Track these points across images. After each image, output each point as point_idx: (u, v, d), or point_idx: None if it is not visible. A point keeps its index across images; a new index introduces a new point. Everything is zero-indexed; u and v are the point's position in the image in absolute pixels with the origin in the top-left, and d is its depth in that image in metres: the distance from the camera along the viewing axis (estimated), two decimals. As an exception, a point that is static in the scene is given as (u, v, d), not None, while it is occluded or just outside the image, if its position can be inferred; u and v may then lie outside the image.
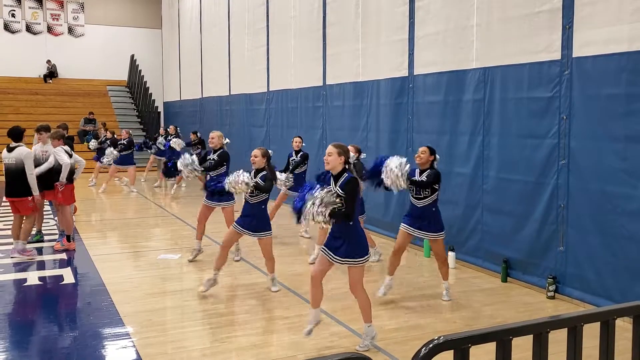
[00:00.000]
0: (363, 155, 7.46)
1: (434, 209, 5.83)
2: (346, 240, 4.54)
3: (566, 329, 2.37)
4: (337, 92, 10.26)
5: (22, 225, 7.66)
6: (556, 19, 5.96)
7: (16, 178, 7.44)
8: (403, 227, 5.95)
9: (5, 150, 7.51)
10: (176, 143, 14.16)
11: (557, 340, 2.52)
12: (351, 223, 4.52)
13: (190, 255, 7.65)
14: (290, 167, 8.92)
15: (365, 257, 4.62)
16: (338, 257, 4.59)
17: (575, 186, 5.85)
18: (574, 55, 5.81)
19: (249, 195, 6.02)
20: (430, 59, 7.88)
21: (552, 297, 5.99)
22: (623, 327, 2.85)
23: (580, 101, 5.78)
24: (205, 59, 17.46)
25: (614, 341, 2.47)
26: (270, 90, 13.02)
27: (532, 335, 2.29)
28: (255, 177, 6.01)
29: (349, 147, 7.30)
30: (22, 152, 7.50)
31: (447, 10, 7.51)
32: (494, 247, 6.85)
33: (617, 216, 5.41)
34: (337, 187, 4.49)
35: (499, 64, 6.72)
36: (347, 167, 4.57)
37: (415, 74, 8.20)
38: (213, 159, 7.53)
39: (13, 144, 7.50)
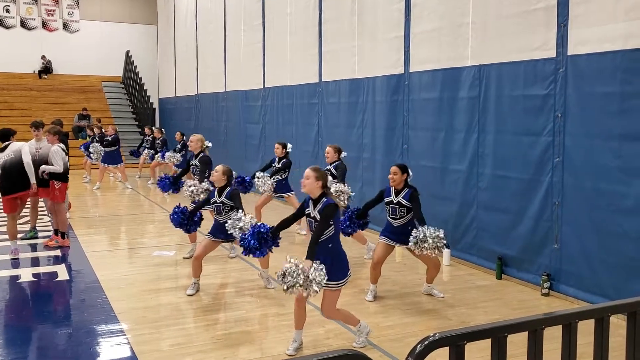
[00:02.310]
0: (344, 154, 7.44)
1: (410, 228, 5.62)
2: (325, 262, 4.31)
3: (561, 325, 2.38)
4: (333, 89, 10.25)
5: (9, 223, 7.66)
6: (551, 17, 5.97)
7: (17, 172, 7.45)
8: (382, 239, 5.86)
9: None
10: (172, 158, 13.65)
11: (552, 337, 2.53)
12: (330, 245, 4.41)
13: (187, 253, 7.65)
14: (270, 173, 8.66)
15: (344, 280, 4.47)
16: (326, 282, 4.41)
17: (570, 184, 5.87)
18: (568, 53, 5.82)
19: (217, 215, 5.99)
20: (425, 56, 7.88)
21: (547, 294, 6.01)
22: (617, 324, 2.85)
23: (575, 99, 5.80)
24: (201, 55, 17.41)
25: (608, 338, 2.48)
26: (266, 87, 13.00)
27: (527, 332, 2.29)
28: (220, 195, 5.94)
29: (328, 148, 7.30)
30: (18, 144, 7.58)
31: (443, 8, 7.51)
32: (488, 244, 6.87)
33: (611, 214, 5.43)
34: (316, 212, 4.45)
35: (495, 61, 6.73)
36: (325, 191, 4.48)
37: (410, 71, 8.19)
38: (196, 165, 7.56)
39: (1, 144, 7.54)
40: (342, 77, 9.91)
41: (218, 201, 5.95)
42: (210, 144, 7.83)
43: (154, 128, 16.19)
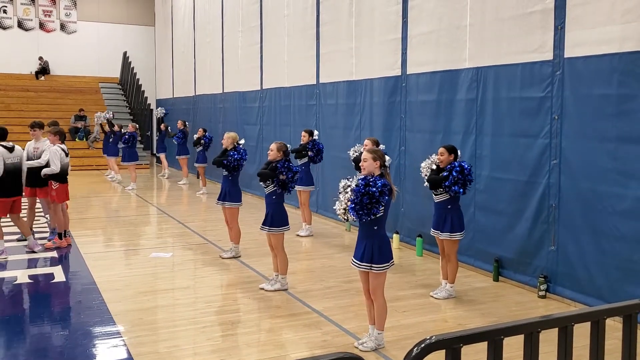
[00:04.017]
0: (382, 147, 7.34)
1: (449, 207, 5.86)
2: (367, 245, 4.54)
3: (557, 328, 2.38)
4: (330, 90, 10.25)
5: (22, 221, 7.80)
6: (548, 20, 5.98)
7: (19, 176, 7.62)
8: (431, 232, 6.12)
9: (3, 150, 7.44)
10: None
11: (548, 339, 2.54)
12: (376, 228, 4.53)
13: (226, 253, 7.66)
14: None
15: (386, 264, 4.57)
16: (357, 261, 4.61)
17: (567, 186, 5.88)
18: (565, 56, 5.83)
19: (264, 186, 6.21)
20: (423, 58, 7.89)
21: (544, 297, 6.02)
22: (613, 326, 2.86)
23: (571, 101, 5.81)
24: (199, 56, 17.40)
25: (604, 341, 2.48)
26: (263, 88, 12.99)
27: (523, 335, 2.30)
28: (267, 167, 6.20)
29: (367, 141, 7.32)
30: (21, 149, 7.75)
31: (440, 10, 7.51)
32: (485, 246, 6.87)
33: (608, 216, 5.44)
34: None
35: (492, 63, 6.74)
36: (383, 171, 4.56)
37: (408, 73, 8.20)
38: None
39: (9, 144, 7.53)
40: (340, 78, 9.91)
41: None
42: (243, 141, 7.66)
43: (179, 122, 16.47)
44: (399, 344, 4.76)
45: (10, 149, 7.50)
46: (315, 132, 9.09)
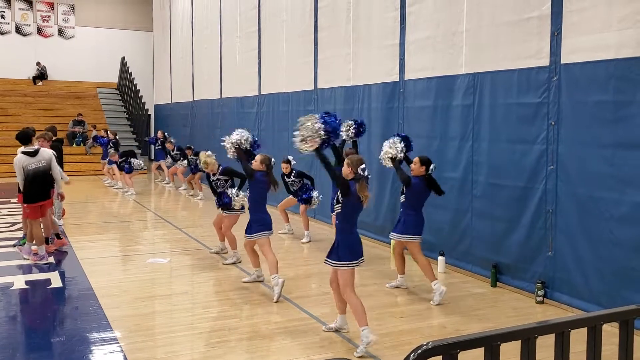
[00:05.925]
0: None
1: (406, 210, 6.14)
2: (336, 241, 4.78)
3: (554, 334, 2.39)
4: (328, 96, 10.27)
5: (35, 229, 7.57)
6: (545, 26, 6.01)
7: (46, 180, 7.52)
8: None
9: (23, 157, 7.34)
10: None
11: (545, 345, 2.54)
12: (346, 224, 4.73)
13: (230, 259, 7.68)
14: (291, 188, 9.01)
15: (353, 262, 4.73)
16: (326, 258, 4.85)
17: (564, 191, 5.89)
18: (562, 62, 5.86)
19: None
20: (420, 64, 7.91)
21: (541, 302, 6.02)
22: (610, 332, 2.87)
23: (568, 107, 5.83)
24: (197, 61, 17.42)
25: (600, 346, 2.49)
26: (261, 93, 13.01)
27: (520, 341, 2.30)
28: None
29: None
30: (49, 152, 7.62)
31: (438, 16, 7.54)
32: (483, 252, 6.88)
33: (605, 221, 5.45)
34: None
35: (488, 69, 6.76)
36: (355, 176, 4.70)
37: (405, 78, 8.22)
38: (218, 179, 7.92)
39: (31, 148, 7.38)
40: (338, 84, 9.94)
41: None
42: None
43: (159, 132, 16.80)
44: (396, 350, 4.75)
45: (32, 154, 7.35)
46: (291, 158, 9.01)
